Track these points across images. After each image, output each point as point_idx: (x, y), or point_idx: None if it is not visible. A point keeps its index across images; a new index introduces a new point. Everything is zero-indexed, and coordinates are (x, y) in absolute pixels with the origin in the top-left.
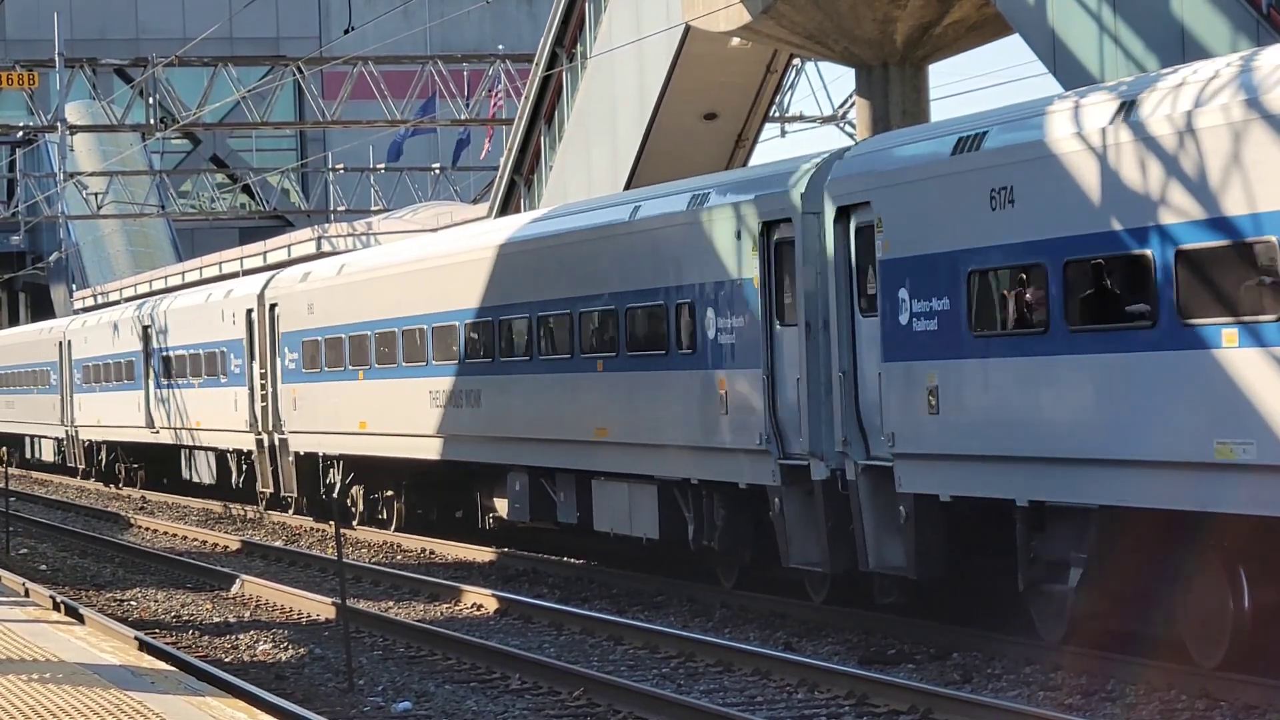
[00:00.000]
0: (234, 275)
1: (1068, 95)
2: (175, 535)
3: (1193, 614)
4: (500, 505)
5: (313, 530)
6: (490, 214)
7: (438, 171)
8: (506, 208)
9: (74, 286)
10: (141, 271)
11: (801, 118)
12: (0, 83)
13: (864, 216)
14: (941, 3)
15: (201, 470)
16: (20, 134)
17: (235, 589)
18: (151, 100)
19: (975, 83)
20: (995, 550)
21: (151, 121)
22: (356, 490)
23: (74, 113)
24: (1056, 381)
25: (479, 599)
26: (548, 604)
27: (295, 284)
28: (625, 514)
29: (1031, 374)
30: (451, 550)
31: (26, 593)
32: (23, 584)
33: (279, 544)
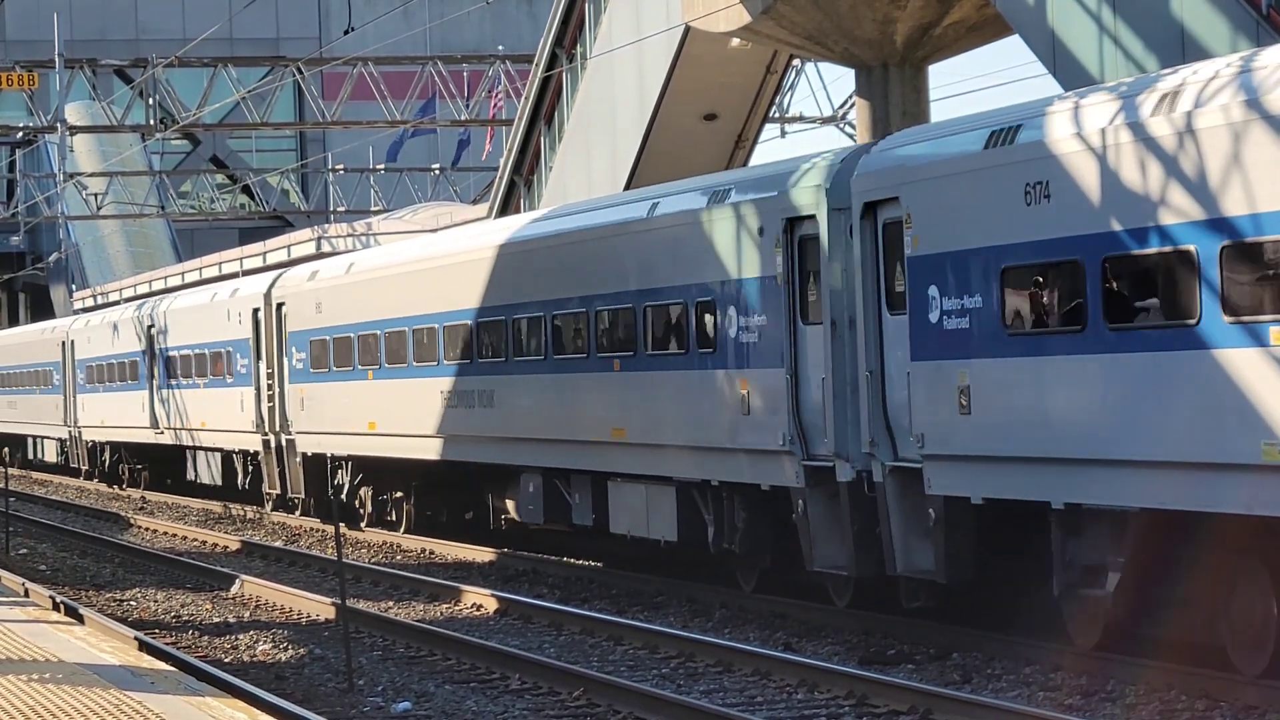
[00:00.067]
0: (234, 275)
1: (1106, 87)
2: (175, 535)
3: (1235, 621)
4: (513, 507)
5: (313, 530)
6: (490, 214)
7: (437, 172)
8: (506, 208)
9: (74, 287)
10: (141, 272)
11: (801, 118)
12: (0, 83)
13: (892, 212)
14: (941, 3)
15: (207, 471)
16: (20, 134)
17: (235, 589)
18: (151, 101)
19: (975, 83)
20: (1027, 554)
21: (151, 122)
22: (365, 492)
23: (74, 113)
24: (1094, 381)
25: (479, 599)
26: (548, 604)
27: (303, 283)
28: (643, 516)
29: (1068, 373)
30: (451, 550)
31: (26, 593)
32: (23, 584)
33: (279, 544)
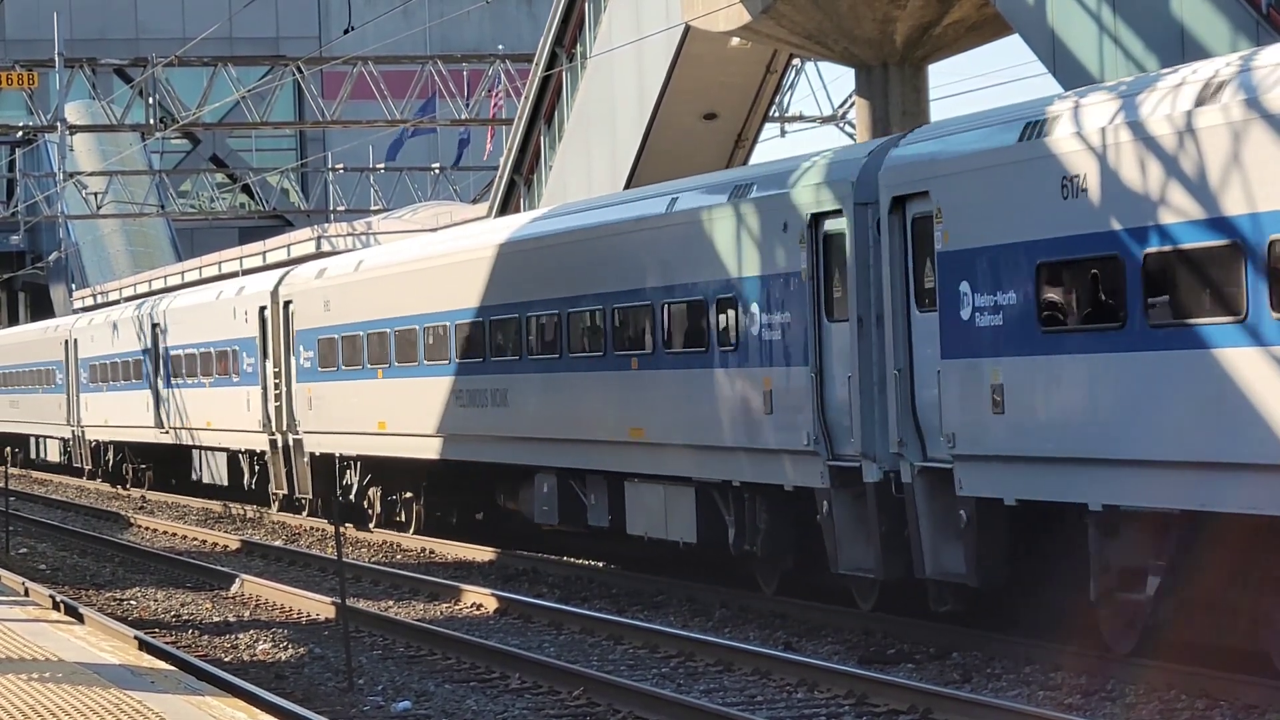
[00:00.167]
0: (234, 275)
1: (1145, 77)
2: (175, 535)
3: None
4: (526, 508)
5: (314, 530)
6: (490, 214)
7: (437, 171)
8: (506, 208)
9: (73, 286)
10: (141, 271)
11: (801, 118)
12: (0, 83)
13: (921, 207)
14: (941, 3)
15: (213, 471)
16: (20, 134)
17: (235, 589)
18: (151, 100)
19: (975, 83)
20: (1061, 557)
21: (151, 121)
22: (373, 492)
23: (74, 113)
24: (1134, 379)
25: (479, 599)
26: (548, 604)
27: (311, 281)
28: (660, 517)
29: (1107, 371)
30: (451, 550)
31: (26, 592)
32: (23, 583)
33: (279, 543)
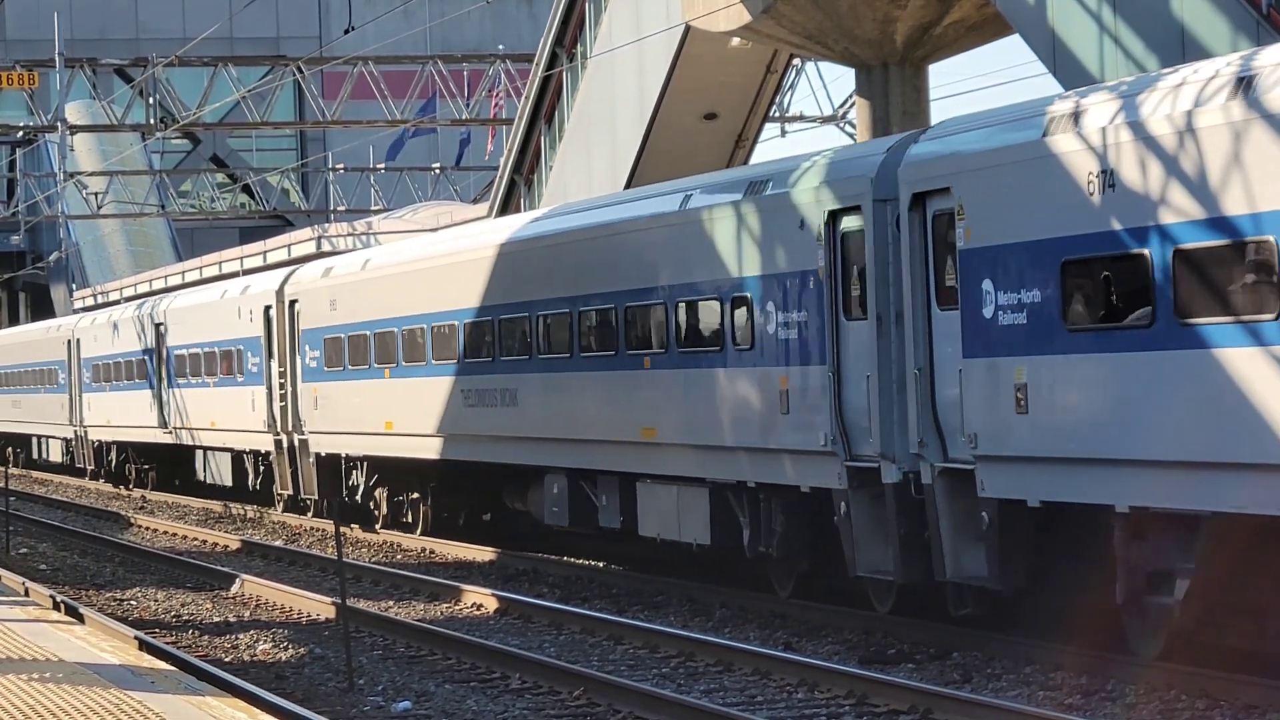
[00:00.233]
0: (235, 275)
1: (1174, 71)
2: (175, 535)
3: None
4: (535, 509)
5: (314, 530)
6: (490, 214)
7: (438, 171)
8: (507, 207)
9: (74, 286)
10: (141, 271)
11: (801, 118)
12: (0, 83)
13: (942, 203)
14: (941, 3)
15: (216, 472)
16: (20, 134)
17: (235, 589)
18: (151, 100)
19: (975, 83)
20: (1085, 560)
21: (151, 121)
22: (380, 493)
23: (74, 113)
24: (1163, 379)
25: (479, 599)
26: (548, 604)
27: (317, 280)
28: (674, 518)
29: (1135, 370)
30: (451, 550)
31: (26, 592)
32: (23, 583)
33: (279, 543)
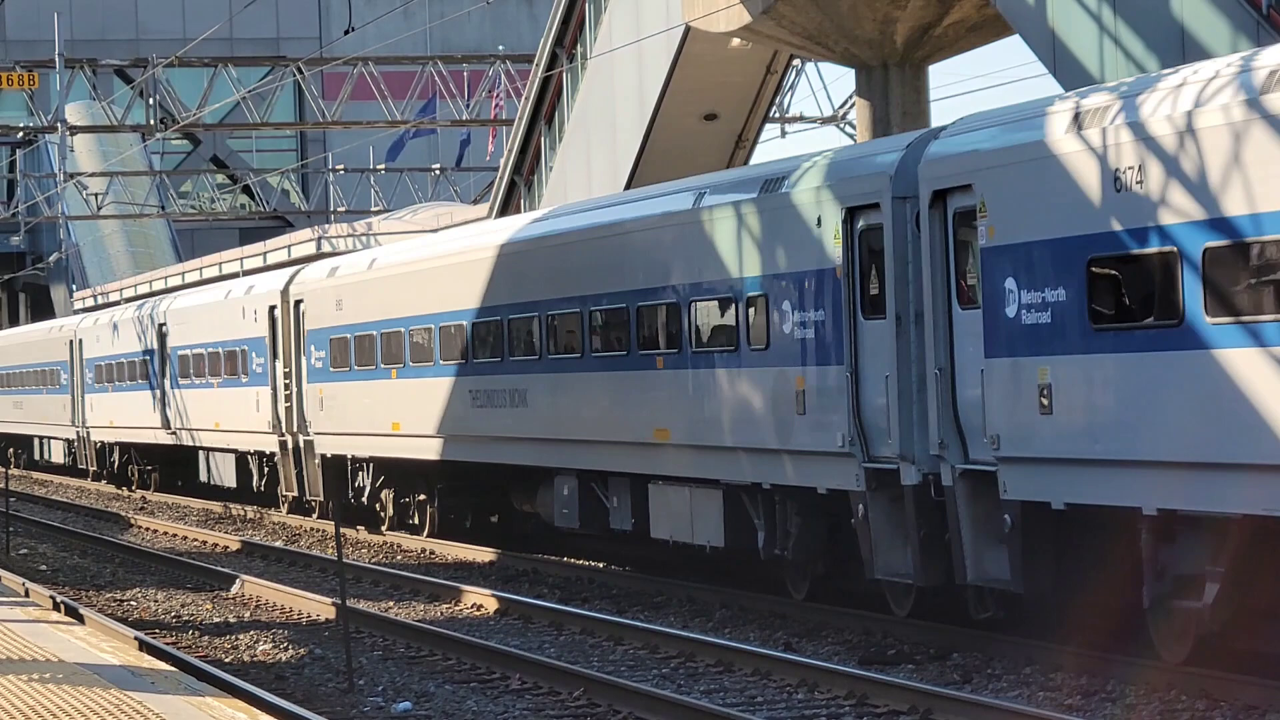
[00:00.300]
0: (234, 275)
1: (1205, 64)
2: (175, 535)
3: None
4: (545, 511)
5: (314, 530)
6: (490, 214)
7: (438, 172)
8: (507, 208)
9: (74, 287)
10: (141, 272)
11: (801, 118)
12: (0, 83)
13: (963, 201)
14: (941, 3)
15: (220, 473)
16: (20, 134)
17: (235, 589)
18: (151, 101)
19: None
20: (1110, 563)
21: (151, 122)
22: (386, 494)
23: (74, 113)
24: (1192, 378)
25: (479, 599)
26: (548, 604)
27: (322, 279)
28: (686, 520)
29: (1164, 370)
30: (451, 550)
31: (26, 593)
32: (23, 584)
33: (279, 544)
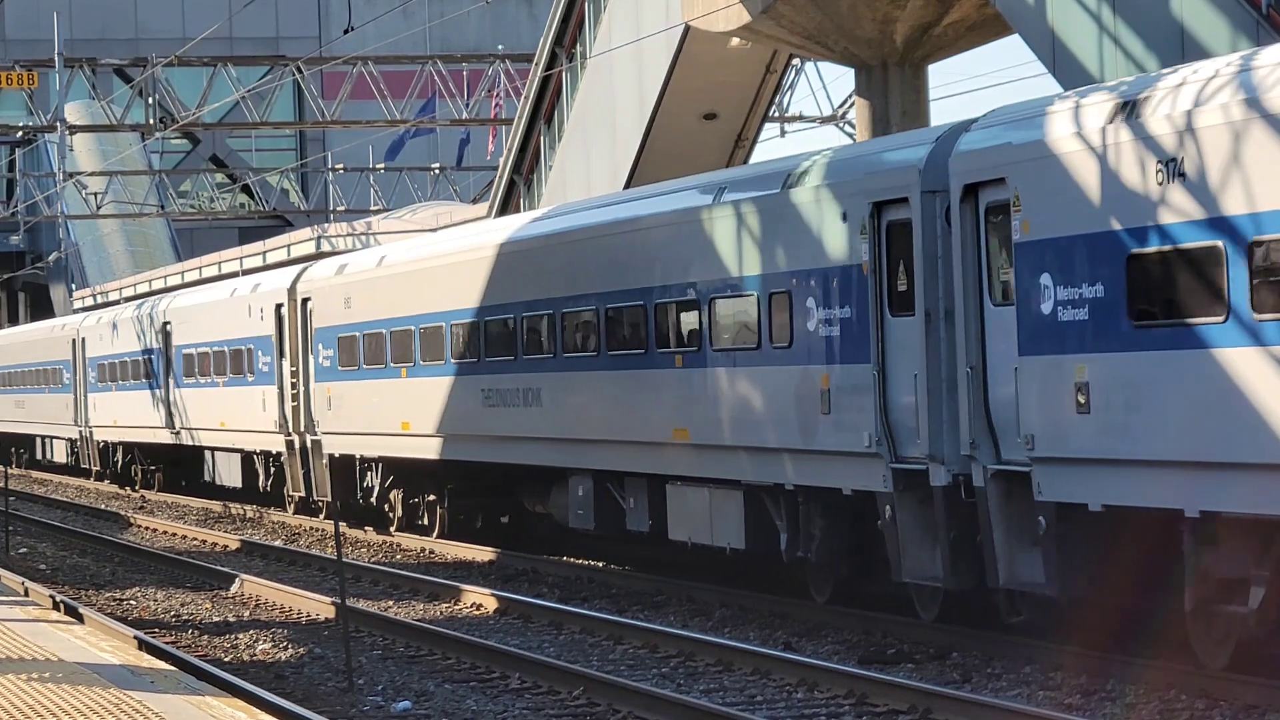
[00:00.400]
0: (234, 275)
1: (1264, 51)
2: (175, 535)
3: None
4: (559, 512)
5: (313, 530)
6: (490, 214)
7: (437, 171)
8: (506, 208)
9: (73, 286)
10: (141, 271)
11: (801, 118)
12: (0, 83)
13: (996, 194)
14: (941, 3)
15: (225, 473)
16: (20, 134)
17: (235, 588)
18: (151, 100)
19: (975, 83)
20: (1150, 566)
21: (151, 121)
22: (395, 495)
23: (73, 113)
24: (1237, 376)
25: (479, 599)
26: (547, 604)
27: (330, 277)
28: (705, 522)
29: (1207, 368)
30: (451, 550)
31: (26, 592)
32: (22, 583)
33: (279, 543)
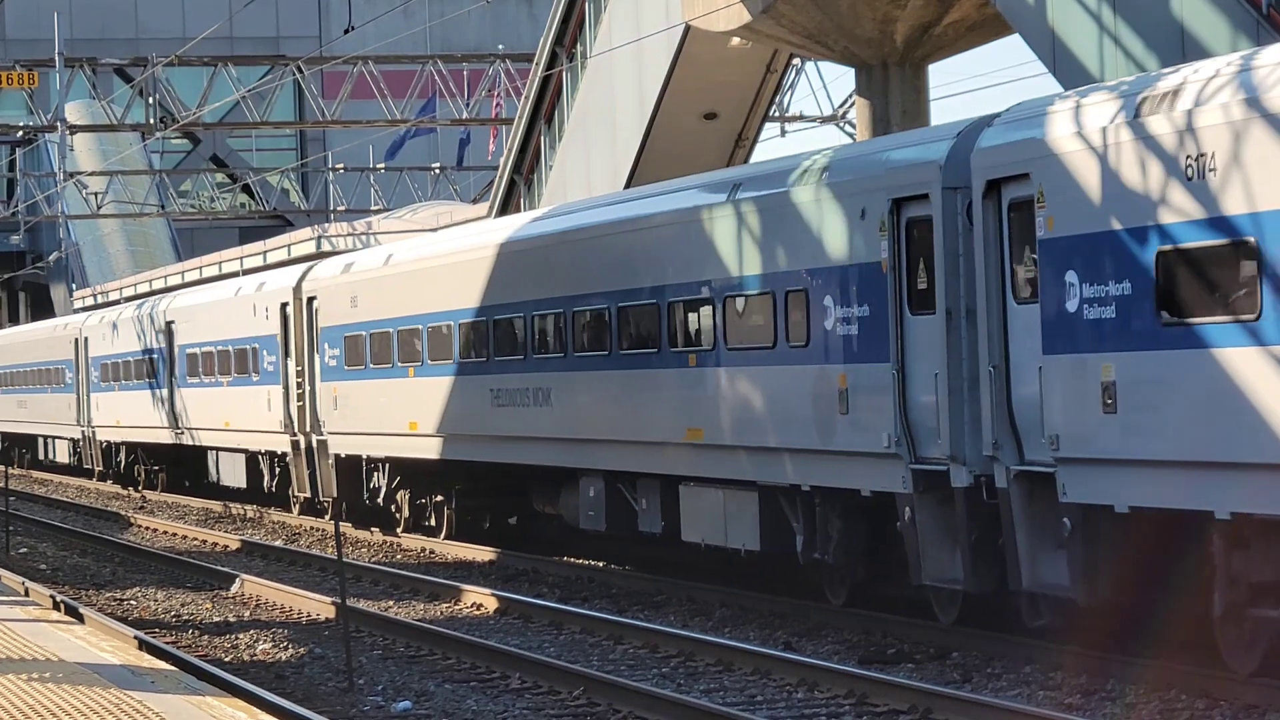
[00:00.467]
0: (234, 275)
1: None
2: (175, 535)
3: None
4: (569, 513)
5: (313, 529)
6: (490, 214)
7: (438, 171)
8: (506, 207)
9: (74, 286)
10: (141, 271)
11: (801, 117)
12: (0, 82)
13: (1019, 190)
14: (941, 3)
15: (230, 473)
16: (20, 134)
17: (235, 588)
18: (151, 100)
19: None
20: (1177, 569)
21: (151, 121)
22: (402, 496)
23: (74, 112)
24: (1271, 375)
25: (479, 599)
26: (548, 604)
27: (336, 276)
28: (719, 523)
29: (1239, 367)
30: (451, 550)
31: (26, 592)
32: (23, 583)
33: (279, 543)
